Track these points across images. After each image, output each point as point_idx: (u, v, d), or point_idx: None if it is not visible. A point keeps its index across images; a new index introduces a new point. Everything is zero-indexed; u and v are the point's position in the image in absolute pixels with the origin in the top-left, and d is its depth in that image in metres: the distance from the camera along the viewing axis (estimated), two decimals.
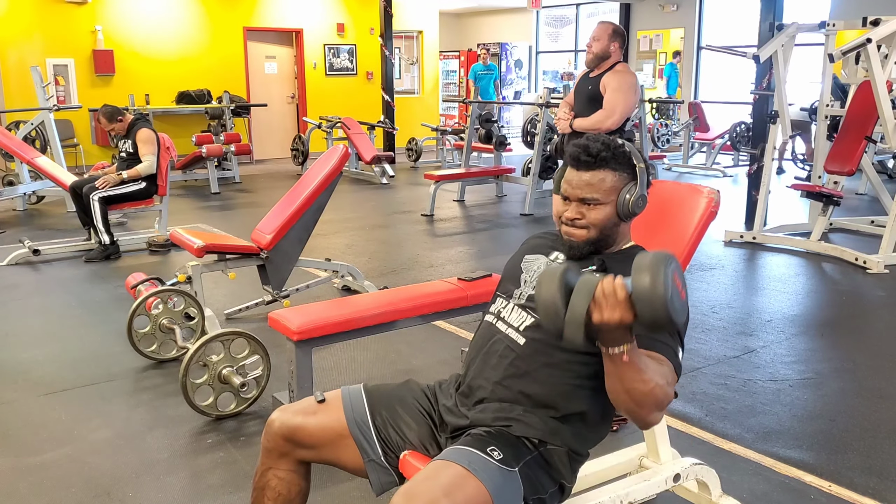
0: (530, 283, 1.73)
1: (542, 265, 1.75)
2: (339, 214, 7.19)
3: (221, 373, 2.90)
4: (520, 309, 1.71)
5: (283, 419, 1.73)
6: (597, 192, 1.67)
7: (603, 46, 4.01)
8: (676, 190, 2.12)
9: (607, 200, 1.68)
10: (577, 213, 1.70)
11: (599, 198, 1.67)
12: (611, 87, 3.95)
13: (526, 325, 1.68)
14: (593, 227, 1.69)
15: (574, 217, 1.70)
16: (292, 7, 11.73)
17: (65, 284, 4.90)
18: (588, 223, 1.69)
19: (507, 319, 1.73)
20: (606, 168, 1.67)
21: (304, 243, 3.97)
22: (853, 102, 5.90)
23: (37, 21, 9.83)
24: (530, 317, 1.68)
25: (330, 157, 3.93)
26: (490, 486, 1.47)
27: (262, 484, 1.77)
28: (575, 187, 1.69)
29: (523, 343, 1.66)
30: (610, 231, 1.70)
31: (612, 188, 1.68)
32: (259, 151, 11.66)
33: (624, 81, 3.95)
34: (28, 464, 2.62)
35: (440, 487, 1.43)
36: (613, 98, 3.93)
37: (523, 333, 1.68)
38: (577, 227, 1.70)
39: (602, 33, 4.02)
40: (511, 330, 1.70)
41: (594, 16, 14.65)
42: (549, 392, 1.63)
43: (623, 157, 1.69)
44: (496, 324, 1.75)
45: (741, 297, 4.68)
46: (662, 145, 10.52)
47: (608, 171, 1.68)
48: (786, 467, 2.59)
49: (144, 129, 5.63)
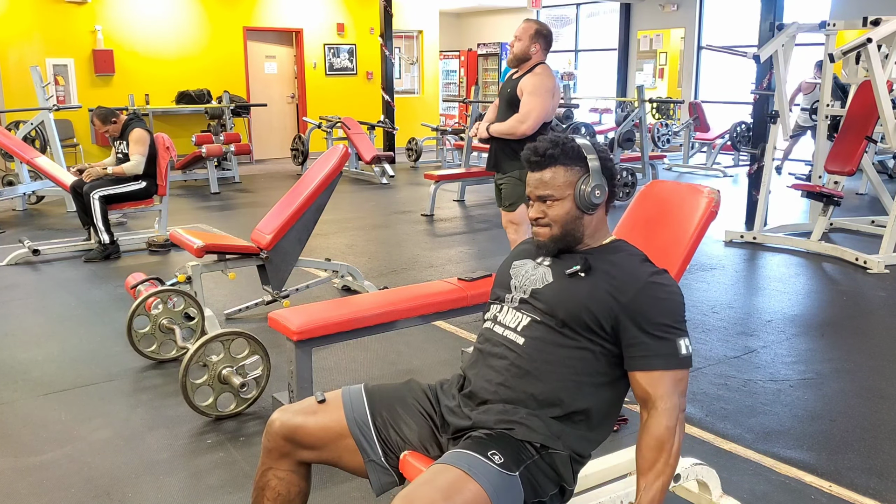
0: (521, 289, 1.76)
1: (529, 269, 1.79)
2: (339, 214, 7.19)
3: (221, 373, 2.90)
4: (514, 311, 1.75)
5: (283, 419, 1.73)
6: (551, 189, 1.73)
7: (523, 47, 3.78)
8: (676, 190, 2.12)
9: (563, 195, 1.73)
10: (538, 212, 1.76)
11: (554, 194, 1.73)
12: (527, 90, 3.73)
13: (523, 324, 1.70)
14: (555, 224, 1.74)
15: (536, 216, 1.77)
16: (292, 7, 11.73)
17: (65, 284, 4.90)
18: (549, 220, 1.75)
19: (503, 322, 1.75)
20: (557, 164, 1.73)
21: (304, 243, 3.97)
22: (853, 102, 5.90)
23: (37, 21, 9.83)
24: (526, 316, 1.71)
25: (330, 157, 3.93)
26: (490, 489, 1.47)
27: (262, 484, 1.77)
28: (532, 187, 1.76)
29: (522, 343, 1.68)
30: (574, 225, 1.75)
31: (566, 183, 1.73)
32: (259, 151, 11.66)
33: (541, 85, 3.72)
34: (28, 464, 2.62)
35: (439, 491, 1.43)
36: (528, 102, 3.71)
37: (521, 333, 1.70)
38: (541, 226, 1.77)
39: (524, 33, 3.78)
40: (509, 331, 1.72)
41: (594, 16, 14.65)
42: (553, 389, 1.64)
43: (572, 151, 1.74)
44: (494, 328, 1.77)
45: (741, 298, 4.68)
46: (663, 145, 10.52)
47: (559, 167, 1.73)
48: (786, 467, 2.59)
49: (137, 129, 5.58)
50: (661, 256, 1.99)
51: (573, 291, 1.68)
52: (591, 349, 1.66)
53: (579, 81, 14.64)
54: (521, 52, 3.79)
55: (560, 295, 1.69)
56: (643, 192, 2.20)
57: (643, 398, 1.63)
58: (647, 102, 10.73)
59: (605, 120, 13.56)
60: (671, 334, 1.62)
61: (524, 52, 3.79)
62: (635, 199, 2.20)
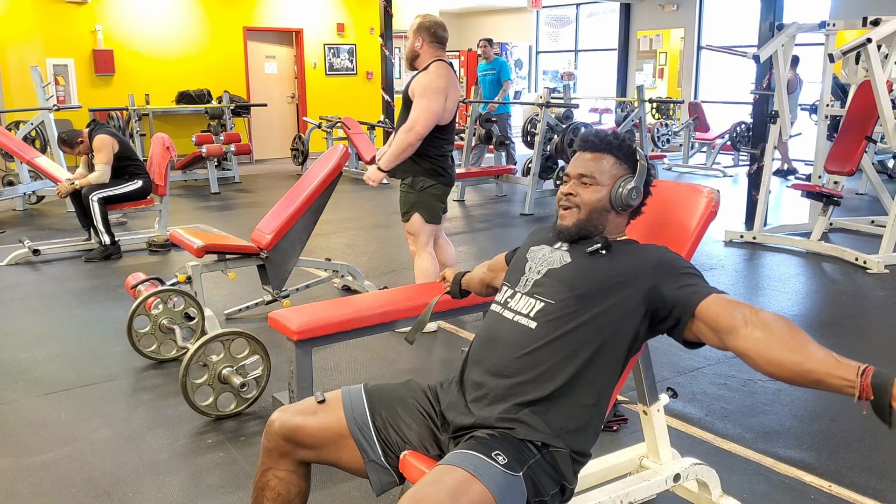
0: (535, 270, 1.77)
1: (546, 253, 1.80)
2: (339, 214, 7.19)
3: (221, 373, 2.90)
4: (527, 297, 1.73)
5: (283, 419, 1.73)
6: (595, 171, 1.76)
7: (409, 44, 3.57)
8: (676, 190, 2.12)
9: (603, 183, 1.76)
10: (572, 188, 1.78)
11: (597, 177, 1.75)
12: (417, 92, 3.50)
13: (537, 309, 1.69)
14: (584, 207, 1.75)
15: (569, 192, 1.78)
16: (292, 7, 11.73)
17: (65, 284, 4.90)
18: (580, 202, 1.76)
19: (515, 308, 1.74)
20: (610, 153, 1.77)
21: (304, 243, 3.97)
22: (853, 102, 5.90)
23: (37, 21, 9.83)
24: (540, 301, 1.70)
25: (330, 157, 3.93)
26: (495, 491, 1.46)
27: (262, 484, 1.77)
28: (576, 165, 1.79)
29: (535, 326, 1.67)
30: (599, 216, 1.76)
31: (611, 173, 1.76)
32: (259, 151, 11.67)
33: (429, 86, 3.48)
34: (28, 464, 2.62)
35: (445, 492, 1.42)
36: (416, 107, 3.48)
37: (534, 318, 1.68)
38: (569, 206, 1.77)
39: (409, 29, 3.57)
40: (520, 317, 1.71)
41: (594, 16, 14.65)
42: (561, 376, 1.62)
43: (628, 149, 1.79)
44: (503, 312, 1.76)
45: (741, 297, 4.63)
46: (662, 145, 10.52)
47: (611, 156, 1.77)
48: (786, 467, 2.59)
49: (98, 136, 5.46)
50: None
51: (595, 268, 1.70)
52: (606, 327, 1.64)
53: (579, 81, 14.64)
54: (408, 50, 3.65)
55: (581, 271, 1.71)
56: None
57: (723, 326, 1.58)
58: (647, 102, 10.74)
59: (605, 120, 13.57)
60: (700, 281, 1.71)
61: (410, 49, 3.64)
62: None
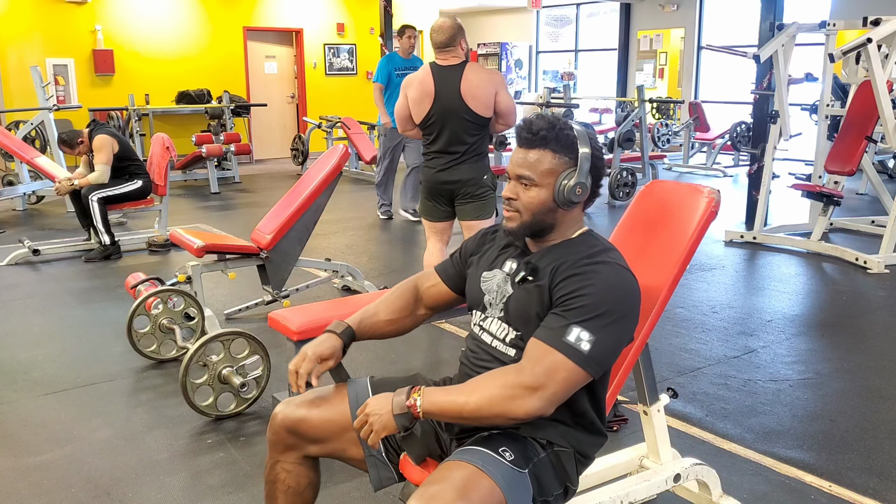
0: (497, 306, 1.67)
1: (500, 281, 1.68)
2: (339, 214, 7.19)
3: (221, 373, 2.90)
4: (499, 321, 1.67)
5: (286, 412, 1.74)
6: (532, 172, 1.60)
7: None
8: (676, 190, 2.12)
9: (543, 183, 1.60)
10: (512, 191, 1.63)
11: (534, 178, 1.60)
12: None
13: (510, 338, 1.64)
14: (525, 211, 1.61)
15: (509, 196, 1.63)
16: (292, 7, 11.73)
17: (65, 284, 4.90)
18: (521, 206, 1.62)
19: (490, 330, 1.69)
20: (546, 148, 1.60)
21: (304, 243, 3.97)
22: (853, 102, 5.89)
23: (37, 21, 9.83)
24: (512, 330, 1.64)
25: (330, 157, 3.93)
26: (504, 486, 1.46)
27: (272, 478, 1.79)
28: (514, 164, 1.63)
29: (514, 354, 1.63)
30: (545, 216, 1.62)
31: (550, 171, 1.60)
32: (259, 151, 11.67)
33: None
34: (28, 464, 2.62)
35: (454, 488, 1.42)
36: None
37: (511, 345, 1.64)
38: (511, 210, 1.63)
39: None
40: (497, 342, 1.67)
41: (594, 15, 14.64)
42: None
43: (567, 139, 1.61)
44: (482, 335, 1.71)
45: (741, 297, 4.68)
46: (663, 145, 10.52)
47: (548, 151, 1.60)
48: (786, 467, 2.59)
49: (97, 136, 5.46)
50: (661, 256, 1.99)
51: (525, 300, 1.60)
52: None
53: (579, 81, 14.64)
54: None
55: (518, 306, 1.62)
56: (643, 192, 2.20)
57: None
58: (647, 102, 10.73)
59: (605, 120, 13.56)
60: (568, 318, 1.49)
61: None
62: (635, 199, 2.20)
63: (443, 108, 3.51)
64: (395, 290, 1.87)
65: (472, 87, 3.49)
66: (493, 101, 3.53)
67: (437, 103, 3.51)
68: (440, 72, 3.54)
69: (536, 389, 1.45)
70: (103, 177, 5.43)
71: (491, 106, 3.53)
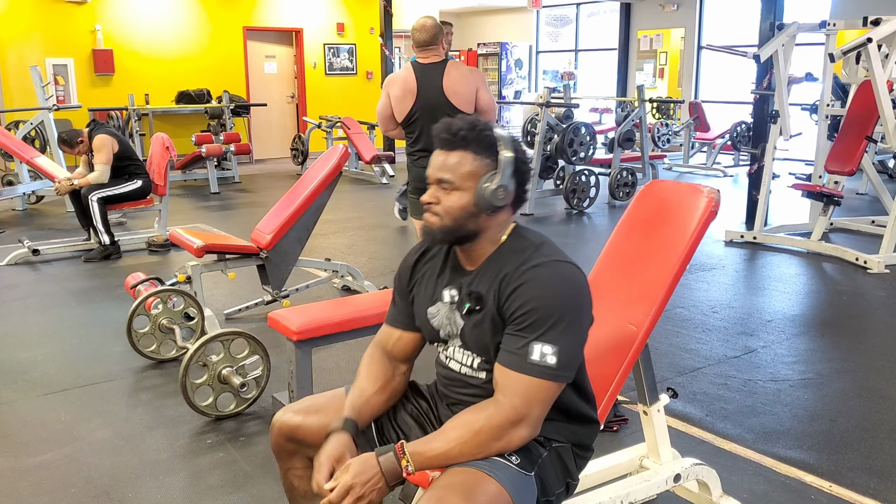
0: (455, 337, 1.63)
1: (446, 313, 1.63)
2: (339, 214, 7.19)
3: (221, 373, 2.90)
4: (461, 349, 1.64)
5: (283, 419, 1.74)
6: (452, 175, 1.53)
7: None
8: (676, 189, 2.12)
9: (463, 186, 1.54)
10: (432, 196, 1.56)
11: (455, 181, 1.53)
12: None
13: (476, 363, 1.62)
14: (446, 216, 1.55)
15: (429, 201, 1.57)
16: (292, 7, 11.73)
17: (64, 284, 4.90)
18: (441, 210, 1.55)
19: (456, 358, 1.66)
20: (466, 150, 1.54)
21: (303, 243, 3.97)
22: (853, 102, 5.89)
23: (36, 21, 9.83)
24: (476, 357, 1.61)
25: (330, 157, 3.93)
26: (511, 490, 1.46)
27: (288, 485, 1.83)
28: (434, 168, 1.57)
29: (484, 376, 1.61)
30: (468, 221, 1.54)
31: (471, 173, 1.53)
32: (259, 151, 11.66)
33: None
34: (28, 464, 2.62)
35: (462, 493, 1.42)
36: None
37: (479, 369, 1.62)
38: (431, 214, 1.57)
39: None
40: (465, 368, 1.65)
41: (594, 15, 14.64)
42: None
43: (487, 139, 1.54)
44: (449, 363, 1.68)
45: (742, 297, 4.67)
46: (663, 145, 10.51)
47: (468, 153, 1.54)
48: (786, 467, 2.59)
49: (98, 136, 5.45)
50: (660, 256, 1.99)
51: (479, 332, 1.57)
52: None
53: (579, 81, 14.64)
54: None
55: (474, 338, 1.59)
56: (643, 192, 2.20)
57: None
58: (647, 102, 10.73)
59: (605, 120, 13.56)
60: (525, 336, 1.47)
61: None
62: (635, 198, 2.20)
63: (425, 105, 3.54)
64: (366, 361, 1.78)
65: (453, 83, 3.53)
66: (474, 97, 3.57)
67: (420, 100, 3.54)
68: (422, 69, 3.57)
69: (521, 420, 1.48)
70: (103, 177, 5.42)
71: (472, 102, 3.57)
